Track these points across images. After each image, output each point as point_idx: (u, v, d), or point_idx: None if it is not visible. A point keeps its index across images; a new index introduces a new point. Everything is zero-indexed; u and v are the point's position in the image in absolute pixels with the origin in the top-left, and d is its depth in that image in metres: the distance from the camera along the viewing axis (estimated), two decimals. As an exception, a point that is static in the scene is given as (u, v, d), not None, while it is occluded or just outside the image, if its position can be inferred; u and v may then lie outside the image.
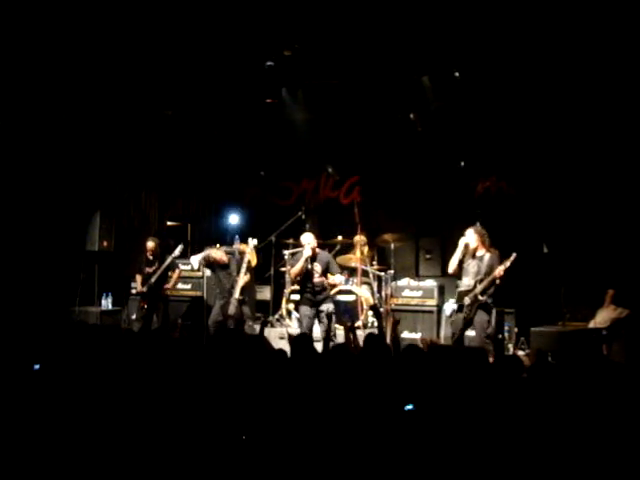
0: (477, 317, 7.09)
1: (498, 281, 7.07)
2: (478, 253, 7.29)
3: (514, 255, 7.04)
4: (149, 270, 8.90)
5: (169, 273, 9.12)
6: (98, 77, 8.74)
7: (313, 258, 7.76)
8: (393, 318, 8.73)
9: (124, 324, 9.24)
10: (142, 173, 10.61)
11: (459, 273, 7.36)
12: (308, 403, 3.56)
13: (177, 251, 8.78)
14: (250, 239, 8.62)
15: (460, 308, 7.26)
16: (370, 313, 9.07)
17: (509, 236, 7.20)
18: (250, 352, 4.44)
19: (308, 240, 7.75)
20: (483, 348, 6.26)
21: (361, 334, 7.38)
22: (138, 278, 9.01)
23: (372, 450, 3.16)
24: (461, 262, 7.36)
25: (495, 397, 3.62)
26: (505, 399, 3.57)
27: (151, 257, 8.96)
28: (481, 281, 7.11)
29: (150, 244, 8.97)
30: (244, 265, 8.22)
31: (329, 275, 7.93)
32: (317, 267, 7.80)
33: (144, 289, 8.86)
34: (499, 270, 6.99)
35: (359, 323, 8.83)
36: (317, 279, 7.79)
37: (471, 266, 7.26)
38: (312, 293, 7.82)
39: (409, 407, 3.52)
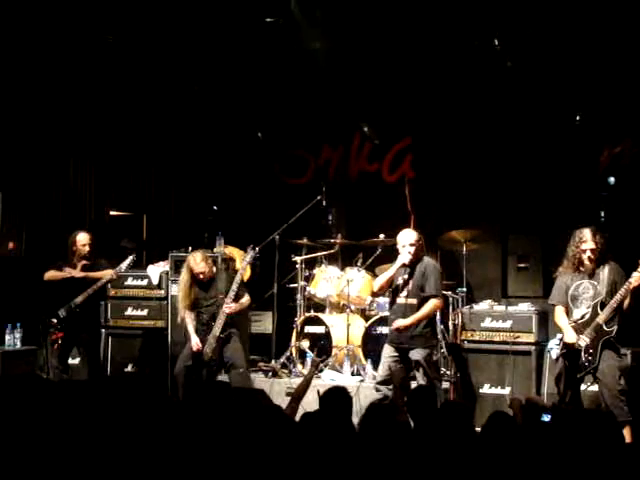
0: (603, 362, 6.62)
1: (627, 303, 6.64)
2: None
3: None
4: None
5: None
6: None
7: (411, 269, 7.37)
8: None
9: (42, 372, 8.51)
10: (71, 135, 9.78)
11: (566, 305, 7.01)
12: None
13: (124, 265, 8.27)
14: (250, 249, 8.22)
15: (570, 353, 6.84)
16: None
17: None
18: (239, 411, 4.42)
19: (409, 240, 7.46)
20: (614, 413, 5.83)
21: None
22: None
23: None
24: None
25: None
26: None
27: (78, 262, 8.15)
28: (602, 304, 6.68)
29: (82, 237, 8.30)
30: (235, 283, 7.82)
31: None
32: (404, 280, 7.43)
33: (61, 312, 8.09)
34: (636, 278, 6.53)
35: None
36: (403, 300, 7.49)
37: (582, 288, 6.90)
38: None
39: None
